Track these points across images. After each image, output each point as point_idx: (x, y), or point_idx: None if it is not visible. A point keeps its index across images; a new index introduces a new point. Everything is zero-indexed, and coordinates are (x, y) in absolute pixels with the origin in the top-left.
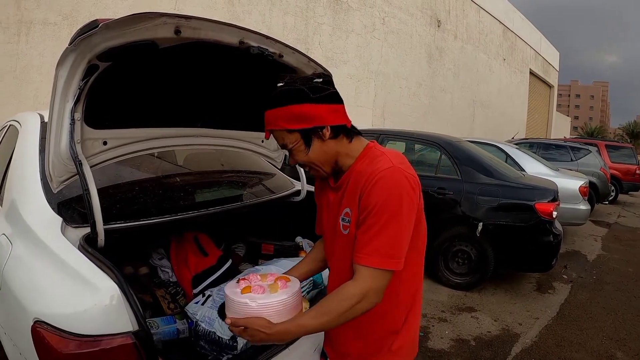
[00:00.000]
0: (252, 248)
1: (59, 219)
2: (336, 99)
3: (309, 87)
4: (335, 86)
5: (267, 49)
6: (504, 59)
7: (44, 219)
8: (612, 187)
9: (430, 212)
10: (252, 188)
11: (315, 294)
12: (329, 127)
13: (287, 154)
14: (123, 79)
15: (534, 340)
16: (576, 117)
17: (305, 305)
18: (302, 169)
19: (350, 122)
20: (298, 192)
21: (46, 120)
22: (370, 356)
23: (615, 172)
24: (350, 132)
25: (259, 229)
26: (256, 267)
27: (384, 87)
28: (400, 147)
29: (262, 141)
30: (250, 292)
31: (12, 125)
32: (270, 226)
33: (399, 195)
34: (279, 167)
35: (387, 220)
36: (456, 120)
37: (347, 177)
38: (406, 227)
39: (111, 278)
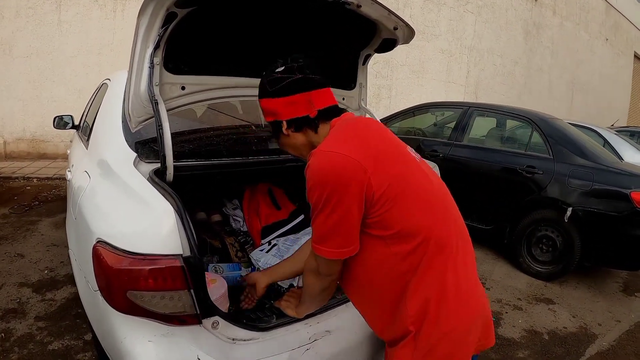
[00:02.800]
0: None
1: (134, 154)
2: (295, 88)
3: (269, 80)
4: (425, 61)
5: None
6: (607, 39)
7: (119, 154)
8: None
9: (516, 192)
10: None
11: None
12: (284, 122)
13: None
14: (201, 26)
15: (612, 344)
16: None
17: None
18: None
19: (315, 112)
20: None
21: None
22: (389, 340)
23: None
24: (311, 122)
25: None
26: None
27: (477, 63)
28: (490, 122)
29: (343, 99)
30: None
31: (104, 83)
32: None
33: (321, 182)
34: None
35: (315, 210)
36: (553, 103)
37: None
38: (338, 215)
39: (170, 202)
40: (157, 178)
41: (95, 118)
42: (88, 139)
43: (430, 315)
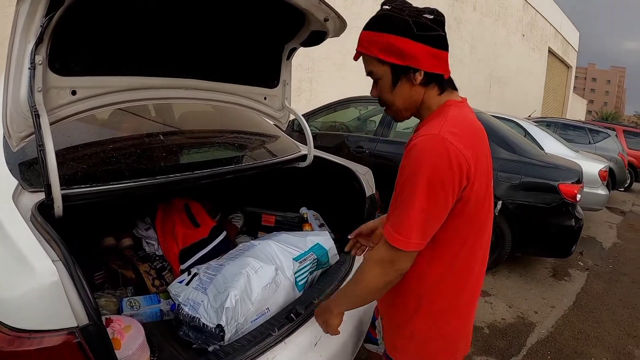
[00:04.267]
0: (251, 219)
1: (15, 182)
2: (441, 44)
3: (416, 21)
4: (347, 54)
5: None
6: (523, 35)
7: None
8: (628, 175)
9: None
10: (252, 151)
11: (319, 274)
12: (422, 72)
13: (295, 113)
14: (97, 15)
15: (550, 331)
16: (591, 101)
17: None
18: (308, 129)
19: (449, 73)
20: (304, 157)
21: None
22: (394, 326)
23: (632, 159)
24: (444, 83)
25: (259, 198)
26: (252, 242)
27: None
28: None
29: (265, 98)
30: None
31: None
32: (271, 195)
33: (426, 168)
34: (284, 129)
35: (407, 194)
36: (472, 94)
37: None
38: (426, 205)
39: (53, 256)
40: (40, 217)
41: None
42: None
43: (435, 312)
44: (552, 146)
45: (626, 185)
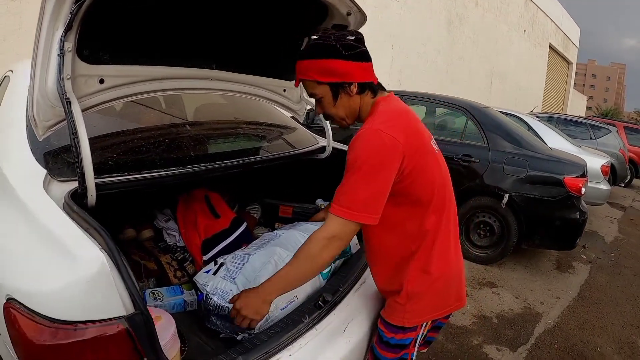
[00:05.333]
0: (268, 210)
1: (43, 172)
2: (366, 57)
3: (342, 44)
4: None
5: None
6: (524, 31)
7: (24, 172)
8: (629, 171)
9: (453, 180)
10: (271, 142)
11: (341, 264)
12: (355, 84)
13: (314, 104)
14: (126, 3)
15: (556, 321)
16: (591, 98)
17: None
18: (327, 123)
19: (377, 79)
20: (323, 149)
21: None
22: (386, 289)
23: (632, 155)
24: (375, 87)
25: (277, 189)
26: (276, 231)
27: (401, 51)
28: (425, 111)
29: (284, 90)
30: None
31: (6, 76)
32: (289, 186)
33: (370, 154)
34: (301, 121)
35: (353, 176)
36: (473, 90)
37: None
38: (373, 183)
39: (98, 245)
40: (76, 205)
41: None
42: None
43: (422, 275)
44: (555, 141)
45: (627, 181)
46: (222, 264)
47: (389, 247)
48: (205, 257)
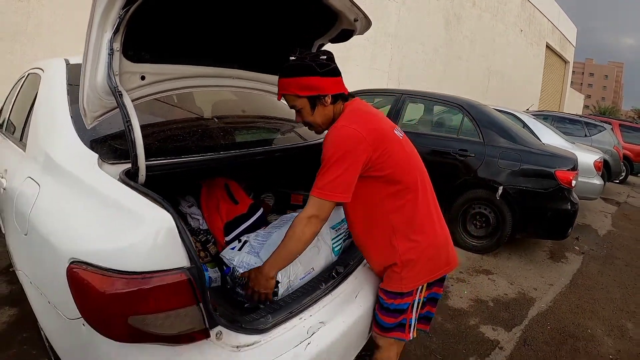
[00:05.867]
0: (281, 198)
1: (95, 155)
2: (337, 72)
3: (317, 63)
4: (351, 48)
5: None
6: (521, 30)
7: (77, 155)
8: (623, 167)
9: (450, 174)
10: (284, 135)
11: (350, 243)
12: (330, 95)
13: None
14: (164, 11)
15: (549, 305)
16: (588, 96)
17: None
18: None
19: (347, 90)
20: None
21: (72, 63)
22: (383, 266)
23: (627, 152)
24: (346, 97)
25: (289, 179)
26: (293, 213)
27: (400, 51)
28: (422, 108)
29: None
30: None
31: (32, 73)
32: (300, 176)
33: (337, 146)
34: None
35: (326, 165)
36: (470, 89)
37: None
38: (341, 169)
39: (165, 209)
40: (133, 181)
41: (29, 114)
42: (21, 139)
43: (410, 243)
44: (549, 138)
45: (621, 177)
46: (245, 242)
47: (373, 226)
48: (227, 238)
